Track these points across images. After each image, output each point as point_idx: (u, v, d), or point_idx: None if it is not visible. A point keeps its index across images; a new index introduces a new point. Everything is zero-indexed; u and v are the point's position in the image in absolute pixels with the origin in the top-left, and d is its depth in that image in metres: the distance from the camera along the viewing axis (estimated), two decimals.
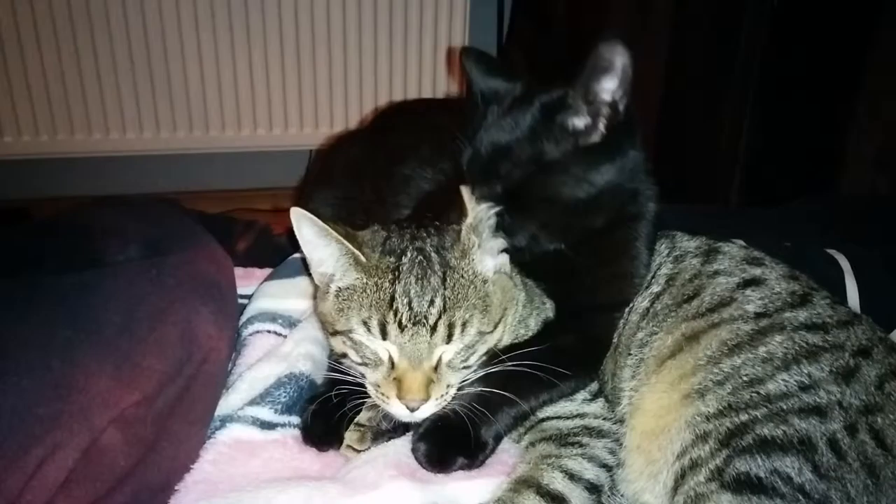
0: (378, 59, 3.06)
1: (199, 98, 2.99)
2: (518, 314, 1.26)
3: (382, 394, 1.14)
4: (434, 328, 1.11)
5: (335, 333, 1.18)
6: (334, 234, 1.12)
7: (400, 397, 1.11)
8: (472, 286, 1.14)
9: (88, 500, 0.98)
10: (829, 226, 1.87)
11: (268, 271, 1.54)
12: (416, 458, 1.14)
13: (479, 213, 1.15)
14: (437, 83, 3.13)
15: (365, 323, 1.12)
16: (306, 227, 1.14)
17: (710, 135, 2.49)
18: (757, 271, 1.25)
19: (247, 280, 1.52)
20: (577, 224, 1.25)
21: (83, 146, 2.98)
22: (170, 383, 1.11)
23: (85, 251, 1.27)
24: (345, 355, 1.19)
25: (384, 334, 1.11)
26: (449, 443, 1.14)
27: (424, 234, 1.18)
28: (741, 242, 1.33)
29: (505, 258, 1.23)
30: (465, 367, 1.17)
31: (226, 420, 1.19)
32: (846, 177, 2.28)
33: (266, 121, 3.08)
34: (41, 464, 0.93)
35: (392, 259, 1.14)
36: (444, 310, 1.11)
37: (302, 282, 1.43)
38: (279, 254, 1.62)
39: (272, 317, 1.36)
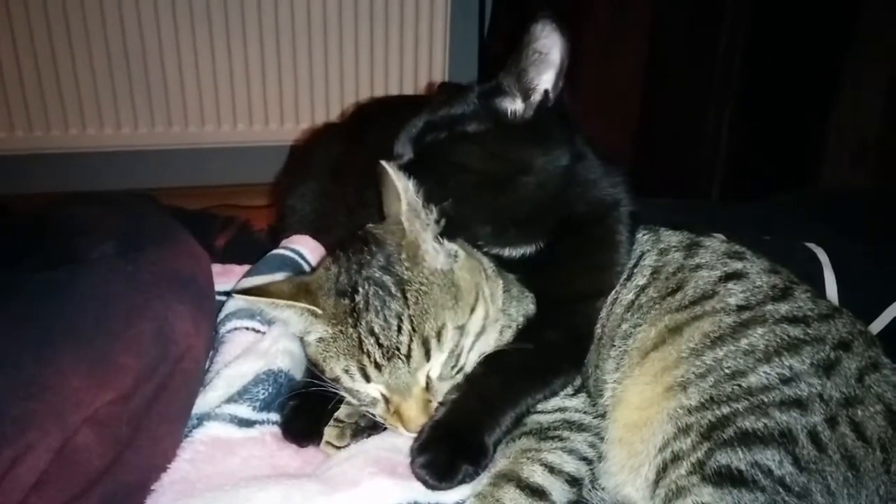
0: (359, 54, 3.04)
1: (178, 93, 2.96)
2: (498, 289, 1.26)
3: (391, 424, 1.15)
4: (409, 355, 1.10)
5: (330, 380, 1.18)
6: (282, 301, 1.13)
7: (406, 427, 1.13)
8: (434, 286, 1.13)
9: (62, 500, 0.96)
10: (808, 220, 1.88)
11: (247, 267, 1.52)
12: (416, 473, 1.08)
13: (409, 194, 1.13)
14: (418, 77, 3.12)
15: (346, 371, 1.13)
16: (258, 305, 1.17)
17: (692, 130, 2.50)
18: (738, 265, 1.25)
19: (225, 276, 1.50)
20: (495, 203, 1.25)
21: (61, 142, 2.95)
22: (146, 381, 1.10)
23: (60, 248, 1.24)
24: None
25: (366, 377, 1.12)
26: (453, 451, 1.11)
27: (368, 256, 1.16)
28: (722, 237, 1.33)
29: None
30: (458, 373, 1.17)
31: (203, 418, 1.17)
32: (825, 171, 2.29)
33: (246, 116, 3.06)
34: (13, 465, 0.91)
35: (346, 301, 1.13)
36: (414, 330, 1.10)
37: (281, 277, 1.42)
38: (258, 250, 1.61)
39: (250, 313, 1.34)
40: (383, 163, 1.16)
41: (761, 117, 2.34)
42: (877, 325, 1.46)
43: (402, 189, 1.13)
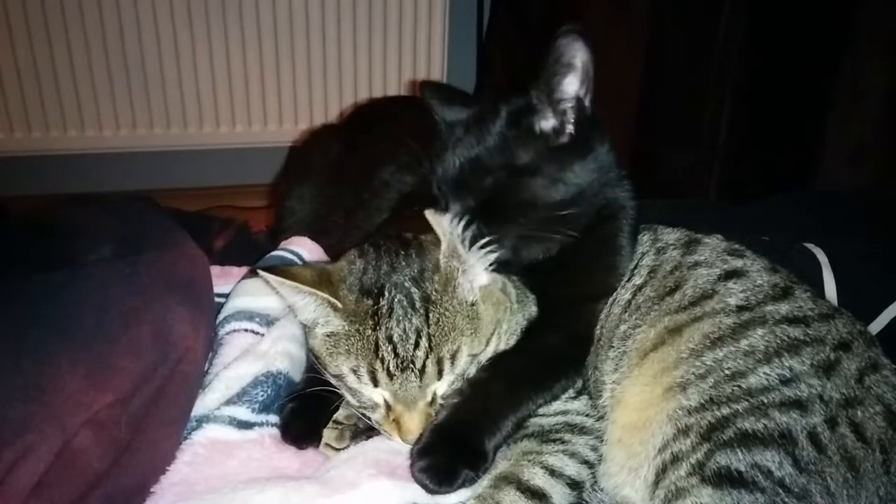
0: (357, 55, 3.04)
1: (177, 95, 2.96)
2: (513, 318, 1.25)
3: (386, 431, 1.14)
4: (423, 370, 1.10)
5: (331, 375, 1.17)
6: (305, 287, 1.11)
7: (402, 437, 1.12)
8: (458, 314, 1.13)
9: (62, 503, 0.96)
10: (807, 220, 1.87)
11: (246, 269, 1.52)
12: (416, 477, 1.08)
13: (451, 238, 1.12)
14: (416, 78, 3.11)
15: (354, 371, 1.12)
16: (277, 285, 1.14)
17: (689, 130, 2.49)
18: (738, 263, 1.25)
19: (224, 278, 1.50)
20: (559, 229, 1.24)
21: (59, 143, 2.94)
22: (145, 384, 1.09)
23: (58, 250, 1.24)
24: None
25: (375, 382, 1.11)
26: (453, 455, 1.10)
27: (403, 263, 1.15)
28: (720, 237, 1.33)
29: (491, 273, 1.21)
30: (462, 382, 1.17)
31: (202, 420, 1.17)
32: (823, 171, 2.29)
33: (245, 117, 3.05)
34: (12, 467, 0.90)
35: (370, 301, 1.12)
36: (431, 348, 1.10)
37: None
38: (257, 251, 1.60)
39: (249, 315, 1.34)
40: (427, 213, 1.13)
41: (759, 117, 2.34)
42: (876, 326, 1.46)
43: (443, 234, 1.11)
